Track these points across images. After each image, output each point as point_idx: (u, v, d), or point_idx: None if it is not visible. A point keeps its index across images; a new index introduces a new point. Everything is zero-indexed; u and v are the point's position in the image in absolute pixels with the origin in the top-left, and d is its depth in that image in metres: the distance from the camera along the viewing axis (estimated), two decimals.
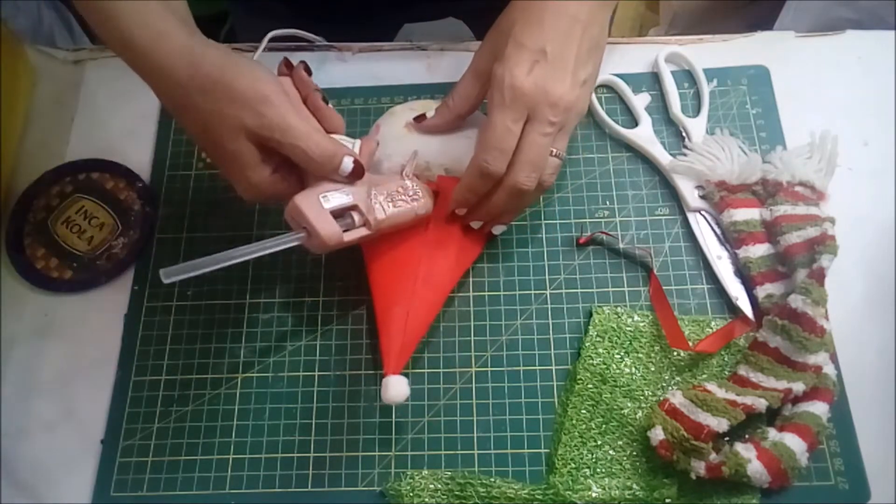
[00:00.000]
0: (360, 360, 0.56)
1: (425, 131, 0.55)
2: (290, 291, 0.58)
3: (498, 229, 0.56)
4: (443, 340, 0.56)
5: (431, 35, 0.70)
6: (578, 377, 0.53)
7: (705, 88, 0.62)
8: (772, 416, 0.51)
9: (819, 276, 0.50)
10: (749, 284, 0.55)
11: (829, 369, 0.51)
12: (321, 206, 0.47)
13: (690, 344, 0.54)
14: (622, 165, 0.61)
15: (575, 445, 0.52)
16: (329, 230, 0.47)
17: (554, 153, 0.51)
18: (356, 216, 0.49)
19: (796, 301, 0.50)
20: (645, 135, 0.61)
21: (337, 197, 0.48)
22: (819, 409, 0.50)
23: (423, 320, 0.53)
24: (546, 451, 0.52)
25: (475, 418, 0.53)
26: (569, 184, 0.61)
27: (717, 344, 0.54)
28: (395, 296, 0.52)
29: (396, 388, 0.49)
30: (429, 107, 0.56)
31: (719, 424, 0.48)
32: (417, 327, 0.52)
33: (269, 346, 0.56)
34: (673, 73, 0.64)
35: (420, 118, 0.55)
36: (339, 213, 0.49)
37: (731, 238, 0.57)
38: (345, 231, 0.49)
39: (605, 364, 0.54)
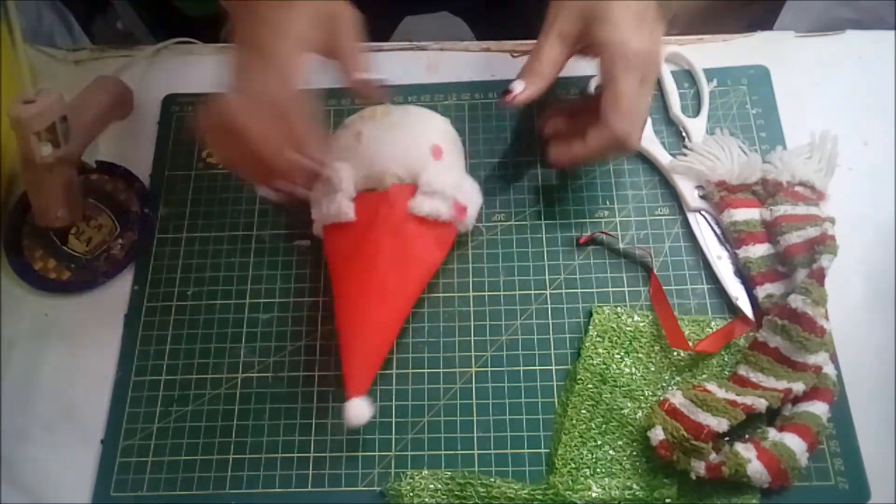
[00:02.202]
0: None
1: (517, 105, 0.51)
2: (290, 291, 0.58)
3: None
4: (443, 340, 0.56)
5: (431, 34, 0.70)
6: (578, 377, 0.53)
7: (705, 88, 0.62)
8: (772, 416, 0.51)
9: (819, 276, 0.50)
10: (749, 284, 0.55)
11: (829, 369, 0.51)
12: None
13: (690, 344, 0.54)
14: (622, 165, 0.61)
15: (575, 445, 0.52)
16: None
17: None
18: None
19: (796, 301, 0.50)
20: (645, 135, 0.61)
21: None
22: (819, 409, 0.50)
23: (383, 340, 0.52)
24: (546, 451, 0.52)
25: (475, 418, 0.53)
26: (569, 184, 0.61)
27: (717, 344, 0.54)
28: (353, 318, 0.52)
29: (356, 411, 0.49)
30: (380, 112, 0.56)
31: (719, 424, 0.48)
32: (377, 347, 0.52)
33: (269, 346, 0.56)
34: (673, 73, 0.64)
35: (506, 93, 0.51)
36: None
37: (731, 238, 0.57)
38: None
39: (605, 364, 0.54)
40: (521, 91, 0.50)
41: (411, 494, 0.51)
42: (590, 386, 0.53)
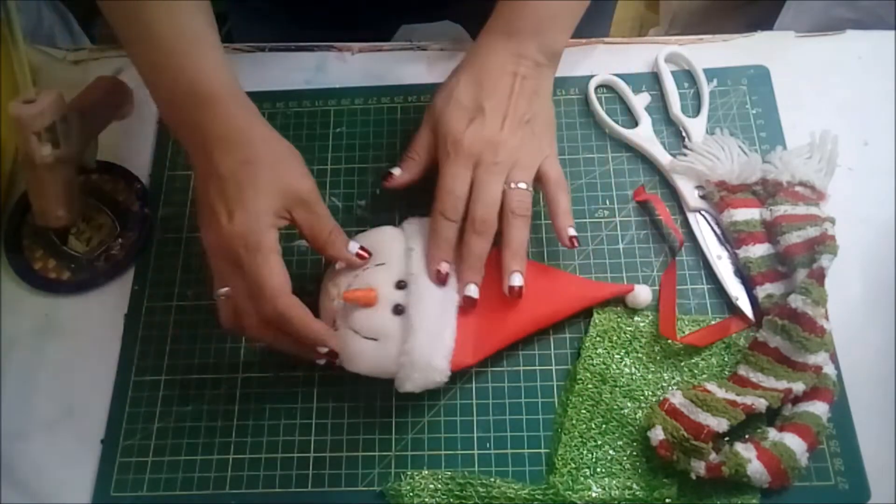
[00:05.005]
0: None
1: (397, 187, 0.56)
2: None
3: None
4: None
5: (430, 36, 0.70)
6: (578, 377, 0.53)
7: (705, 88, 0.62)
8: (772, 416, 0.51)
9: (819, 276, 0.50)
10: (749, 284, 0.55)
11: (829, 369, 0.51)
12: None
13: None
14: (622, 165, 0.61)
15: (575, 445, 0.52)
16: None
17: (513, 186, 0.53)
18: None
19: (796, 301, 0.50)
20: (645, 135, 0.61)
21: None
22: (819, 409, 0.50)
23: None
24: (546, 451, 0.52)
25: (475, 418, 0.53)
26: (569, 184, 0.60)
27: (706, 339, 0.54)
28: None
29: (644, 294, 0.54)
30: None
31: (719, 424, 0.48)
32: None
33: None
34: (673, 73, 0.64)
35: (388, 175, 0.56)
36: None
37: (731, 238, 0.57)
38: None
39: (605, 364, 0.54)
40: (399, 175, 0.56)
41: (411, 494, 0.51)
42: (590, 386, 0.53)
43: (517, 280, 0.52)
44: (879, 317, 0.55)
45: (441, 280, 0.52)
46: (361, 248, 0.52)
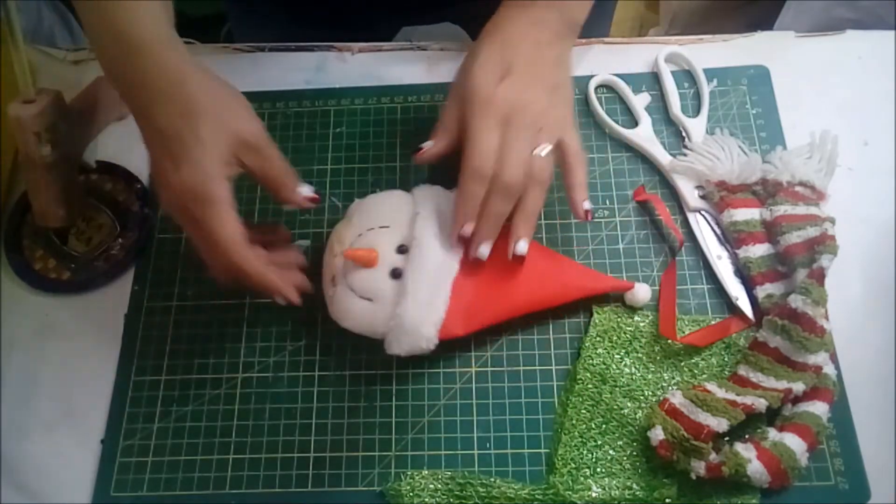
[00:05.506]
0: (361, 359, 0.56)
1: (428, 159, 0.54)
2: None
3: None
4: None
5: (430, 36, 0.70)
6: (578, 377, 0.53)
7: (705, 88, 0.62)
8: (772, 416, 0.51)
9: (819, 276, 0.50)
10: (749, 284, 0.55)
11: (829, 369, 0.51)
12: None
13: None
14: (622, 165, 0.61)
15: (575, 445, 0.52)
16: None
17: (536, 152, 0.52)
18: None
19: (796, 301, 0.50)
20: (645, 135, 0.61)
21: None
22: (819, 409, 0.50)
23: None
24: (546, 451, 0.52)
25: (475, 418, 0.53)
26: None
27: (707, 339, 0.54)
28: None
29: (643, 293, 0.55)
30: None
31: (719, 424, 0.48)
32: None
33: (269, 346, 0.56)
34: (673, 73, 0.64)
35: (419, 150, 0.54)
36: None
37: (731, 238, 0.57)
38: None
39: (605, 364, 0.54)
40: (431, 147, 0.54)
41: (411, 494, 0.51)
42: (590, 386, 0.53)
43: (522, 247, 0.52)
44: (879, 317, 0.55)
45: (463, 243, 0.52)
46: (314, 191, 0.51)
